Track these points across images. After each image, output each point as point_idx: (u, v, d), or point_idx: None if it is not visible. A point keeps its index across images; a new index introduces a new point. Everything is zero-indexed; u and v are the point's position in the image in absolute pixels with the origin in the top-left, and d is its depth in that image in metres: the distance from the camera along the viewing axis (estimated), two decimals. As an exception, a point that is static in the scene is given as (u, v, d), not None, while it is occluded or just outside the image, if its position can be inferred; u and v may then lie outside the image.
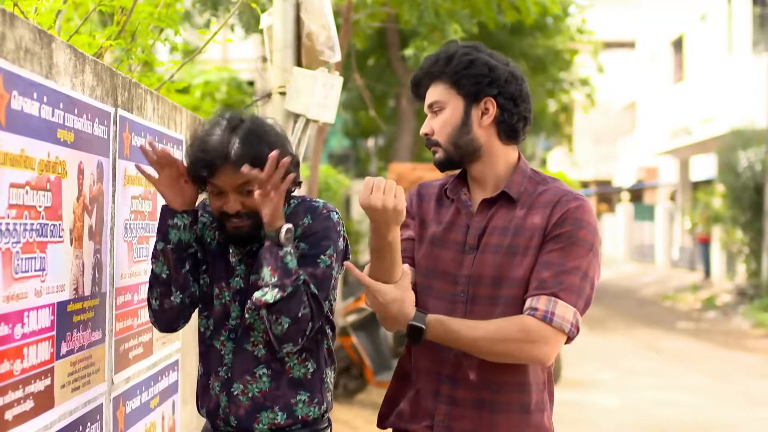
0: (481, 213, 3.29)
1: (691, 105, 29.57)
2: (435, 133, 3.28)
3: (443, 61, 3.28)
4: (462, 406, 3.23)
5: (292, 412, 3.39)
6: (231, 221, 3.31)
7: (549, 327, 3.06)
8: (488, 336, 3.09)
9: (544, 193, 3.25)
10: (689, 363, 14.79)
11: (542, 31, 21.62)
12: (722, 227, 25.11)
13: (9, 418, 2.72)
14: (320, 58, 5.74)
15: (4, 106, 2.64)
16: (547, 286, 3.09)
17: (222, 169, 3.25)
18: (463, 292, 3.24)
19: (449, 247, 3.29)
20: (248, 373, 3.38)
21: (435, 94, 3.29)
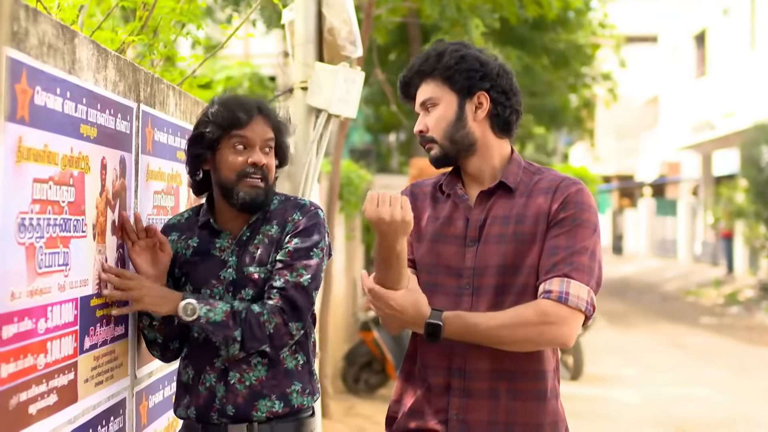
0: (480, 205, 3.31)
1: (714, 99, 29.44)
2: (430, 130, 3.30)
3: (434, 58, 3.30)
4: (476, 398, 3.23)
5: (288, 401, 3.46)
6: (251, 179, 3.43)
7: (565, 307, 3.07)
8: (507, 323, 3.09)
9: (541, 181, 3.29)
10: (711, 358, 14.74)
11: (564, 25, 21.53)
12: (745, 222, 24.99)
13: (33, 412, 2.73)
14: (342, 53, 5.74)
15: (28, 101, 2.65)
16: (558, 268, 3.11)
17: (256, 120, 3.47)
18: (468, 284, 3.25)
19: (450, 242, 3.31)
20: (244, 362, 3.43)
21: (427, 92, 3.31)
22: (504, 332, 3.10)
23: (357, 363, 10.90)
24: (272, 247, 3.48)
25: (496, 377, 3.22)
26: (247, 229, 3.51)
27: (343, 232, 13.29)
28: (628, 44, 31.02)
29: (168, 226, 3.65)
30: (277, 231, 3.49)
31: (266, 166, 3.45)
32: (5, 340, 2.56)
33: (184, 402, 3.53)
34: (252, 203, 3.44)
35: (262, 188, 3.44)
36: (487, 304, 3.20)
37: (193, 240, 3.57)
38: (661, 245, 41.98)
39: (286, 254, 3.44)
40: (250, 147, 3.45)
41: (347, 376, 10.88)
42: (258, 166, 3.43)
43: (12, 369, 2.61)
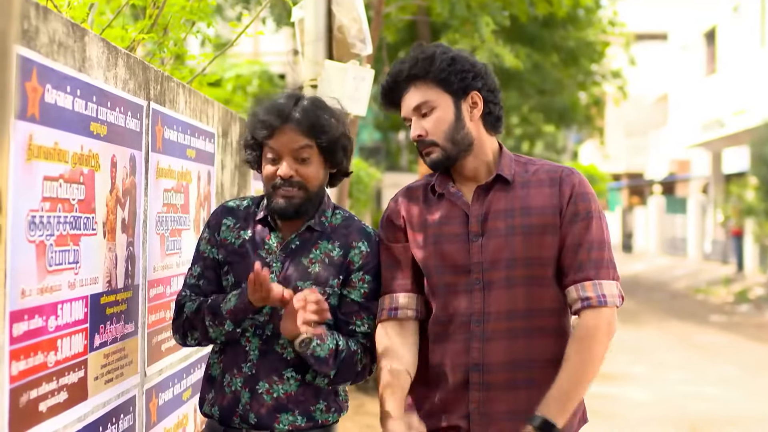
0: (478, 200, 3.33)
1: (724, 97, 29.38)
2: (429, 134, 3.29)
3: (424, 62, 3.29)
4: (495, 389, 3.28)
5: (311, 416, 3.40)
6: (282, 189, 3.32)
7: (606, 308, 3.20)
8: (586, 366, 3.20)
9: (538, 171, 3.34)
10: (721, 356, 14.71)
11: (574, 23, 21.50)
12: (755, 220, 24.94)
13: (43, 409, 2.74)
14: (351, 50, 5.74)
15: (38, 99, 2.65)
16: (584, 269, 3.22)
17: (281, 130, 3.32)
18: (478, 279, 3.29)
19: (452, 240, 3.33)
20: (276, 374, 3.37)
21: (421, 96, 3.30)
22: (589, 370, 3.21)
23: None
24: (333, 269, 3.39)
25: (513, 368, 3.28)
26: (297, 238, 3.41)
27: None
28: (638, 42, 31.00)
29: (227, 209, 3.52)
30: (339, 254, 3.41)
31: (301, 176, 3.32)
32: (16, 337, 2.57)
33: (209, 398, 3.46)
34: (282, 214, 3.35)
35: (298, 198, 3.33)
36: (499, 298, 3.26)
37: (245, 232, 3.45)
38: (671, 243, 41.92)
39: (361, 295, 3.41)
40: (280, 157, 3.33)
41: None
42: (284, 178, 3.31)
43: (22, 366, 2.61)
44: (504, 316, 3.26)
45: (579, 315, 3.22)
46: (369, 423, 9.33)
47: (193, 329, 3.38)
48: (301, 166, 3.33)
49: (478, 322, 3.28)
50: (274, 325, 3.35)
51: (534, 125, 28.00)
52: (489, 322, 3.27)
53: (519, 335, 3.27)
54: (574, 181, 3.29)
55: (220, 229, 3.48)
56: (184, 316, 3.39)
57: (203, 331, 3.36)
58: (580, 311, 3.21)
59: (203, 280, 3.45)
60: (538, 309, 3.28)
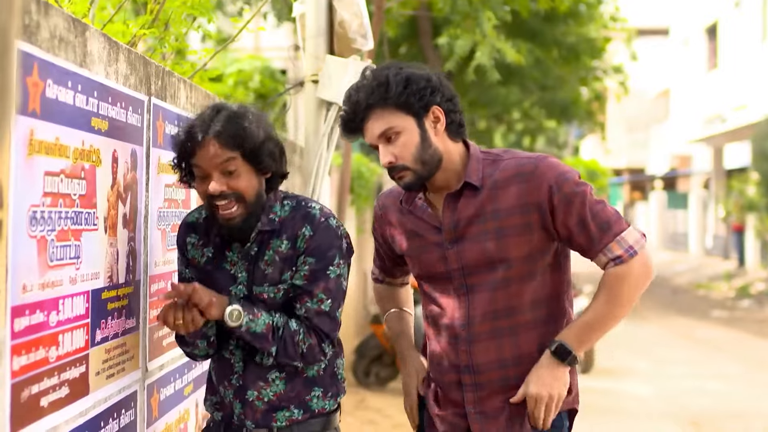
0: (449, 208, 3.37)
1: (725, 92, 29.38)
2: (399, 159, 3.28)
3: (379, 89, 3.27)
4: (489, 389, 3.36)
5: (308, 407, 3.42)
6: (221, 207, 3.24)
7: (638, 255, 3.27)
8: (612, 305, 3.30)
9: (506, 169, 3.34)
10: (723, 352, 14.72)
11: (575, 18, 21.48)
12: (756, 215, 24.97)
13: (44, 404, 2.74)
14: (353, 45, 5.74)
15: (39, 94, 2.65)
16: (601, 236, 3.27)
17: (203, 145, 3.21)
18: (461, 284, 3.36)
19: (429, 250, 3.41)
20: (261, 380, 3.40)
21: (384, 122, 3.28)
22: (615, 310, 3.32)
23: (367, 356, 10.91)
24: (284, 264, 3.35)
25: (503, 366, 3.34)
26: (254, 244, 3.37)
27: (354, 225, 13.28)
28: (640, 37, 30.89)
29: (188, 225, 3.51)
30: (287, 246, 3.36)
31: (231, 189, 3.23)
32: (17, 332, 2.56)
33: (213, 400, 3.53)
34: (231, 232, 3.32)
35: (238, 215, 3.26)
36: (482, 301, 3.34)
37: (208, 249, 3.45)
38: (672, 238, 41.93)
39: (302, 278, 3.34)
40: (207, 175, 3.24)
41: (358, 370, 10.89)
42: (214, 195, 3.23)
43: (24, 361, 2.61)
44: (489, 317, 3.33)
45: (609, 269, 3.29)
46: (371, 418, 9.34)
47: (185, 344, 3.50)
48: (231, 179, 3.24)
49: (464, 325, 3.36)
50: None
51: (535, 120, 27.95)
52: (474, 324, 3.34)
53: (504, 334, 3.33)
54: (544, 170, 3.30)
55: (187, 248, 3.51)
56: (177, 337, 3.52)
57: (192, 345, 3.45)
58: (614, 267, 3.27)
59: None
60: (519, 306, 3.33)
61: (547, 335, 3.34)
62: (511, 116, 26.81)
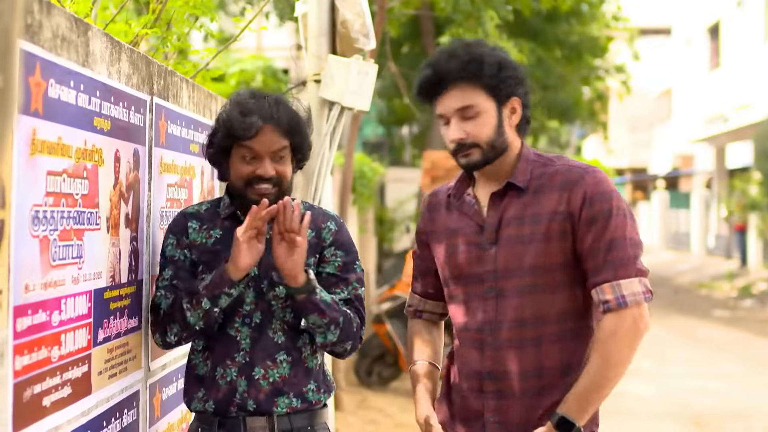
0: (494, 207, 3.29)
1: (728, 92, 29.36)
2: (471, 137, 3.21)
3: (472, 64, 3.21)
4: (510, 398, 3.26)
5: (305, 398, 3.49)
6: (259, 187, 3.39)
7: (628, 309, 3.14)
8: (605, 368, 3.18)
9: (554, 175, 3.26)
10: (725, 351, 14.71)
11: (578, 17, 21.50)
12: (759, 215, 24.96)
13: (47, 404, 2.74)
14: (355, 45, 5.74)
15: (42, 94, 2.65)
16: (602, 272, 3.15)
17: (264, 131, 3.39)
18: (491, 288, 3.27)
19: (466, 250, 3.32)
20: (269, 359, 3.44)
21: (466, 98, 3.22)
22: (610, 372, 3.19)
23: (370, 356, 10.91)
24: (309, 250, 3.46)
25: (525, 376, 3.25)
26: (269, 229, 3.44)
27: (356, 224, 13.30)
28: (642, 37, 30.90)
29: (187, 214, 3.57)
30: (311, 234, 3.52)
31: (278, 174, 3.42)
32: (20, 332, 2.57)
33: (199, 395, 3.49)
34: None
35: (273, 192, 3.40)
36: (511, 307, 3.24)
37: (215, 231, 3.51)
38: (675, 238, 41.92)
39: (336, 268, 3.54)
40: (259, 158, 3.40)
41: (360, 369, 10.88)
42: (265, 178, 3.39)
43: (26, 361, 2.61)
44: (515, 324, 3.23)
45: (601, 319, 3.19)
46: (373, 418, 9.34)
47: (172, 322, 3.43)
48: (279, 165, 3.44)
49: (491, 331, 3.27)
50: (261, 312, 3.45)
51: (537, 120, 27.90)
52: (501, 330, 3.25)
53: (528, 344, 3.24)
54: (587, 182, 3.20)
55: (187, 233, 3.53)
56: (161, 313, 3.46)
57: (182, 320, 3.39)
58: (603, 314, 3.17)
59: (177, 280, 3.49)
60: (546, 316, 3.24)
61: (569, 352, 3.26)
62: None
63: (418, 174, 20.51)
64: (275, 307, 3.46)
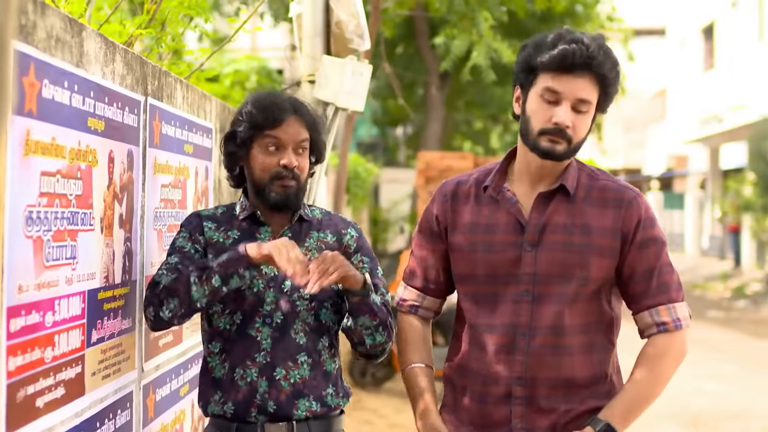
0: (538, 208, 3.24)
1: (722, 92, 29.40)
2: (573, 129, 3.15)
3: (614, 70, 3.17)
4: (538, 405, 3.23)
5: (324, 402, 3.44)
6: (282, 181, 3.40)
7: (681, 331, 3.25)
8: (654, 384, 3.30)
9: (605, 190, 3.26)
10: (719, 352, 14.73)
11: (572, 18, 21.47)
12: (752, 216, 24.98)
13: (40, 405, 2.73)
14: (349, 46, 5.74)
15: (35, 94, 2.65)
16: (658, 294, 3.24)
17: (289, 121, 3.43)
18: (527, 291, 3.22)
19: (502, 249, 3.25)
20: (291, 359, 3.39)
21: (591, 93, 3.16)
22: (656, 388, 3.30)
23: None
24: None
25: (555, 384, 3.23)
26: (288, 230, 3.46)
27: (351, 225, 13.28)
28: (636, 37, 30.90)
29: (203, 216, 3.51)
30: (333, 239, 3.53)
31: (298, 168, 3.42)
32: (13, 333, 2.56)
33: (216, 398, 3.43)
34: (283, 204, 3.41)
35: (294, 188, 3.41)
36: (548, 313, 3.20)
37: (232, 231, 3.47)
38: (669, 238, 41.82)
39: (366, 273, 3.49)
40: (283, 148, 3.41)
41: (354, 370, 10.88)
42: (289, 168, 3.39)
43: (20, 362, 2.61)
44: (551, 331, 3.20)
45: (651, 337, 3.26)
46: (367, 418, 9.35)
47: (172, 296, 3.26)
48: (299, 157, 3.45)
49: (524, 335, 3.21)
50: (282, 312, 3.39)
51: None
52: (536, 336, 3.20)
53: (563, 353, 3.21)
54: (641, 206, 3.25)
55: (203, 230, 3.47)
56: (160, 287, 3.28)
57: (184, 293, 3.24)
58: (654, 335, 3.25)
59: (182, 265, 3.34)
60: (582, 326, 3.23)
61: (597, 363, 3.27)
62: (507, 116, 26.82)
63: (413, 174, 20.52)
64: (300, 308, 3.41)
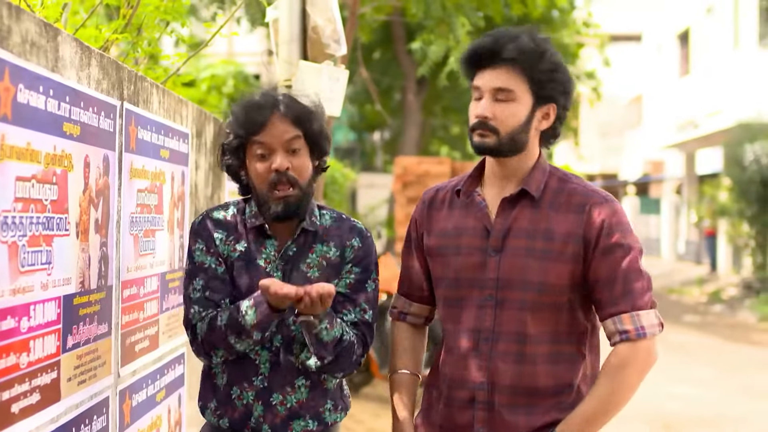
0: (503, 213, 3.24)
1: (698, 98, 29.51)
2: (495, 119, 3.16)
3: (533, 55, 3.15)
4: (500, 410, 3.21)
5: (322, 419, 3.42)
6: (279, 191, 3.28)
7: (645, 340, 3.14)
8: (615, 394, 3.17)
9: (572, 193, 3.23)
10: (695, 356, 14.78)
11: (548, 24, 21.55)
12: (728, 221, 25.06)
13: (15, 411, 2.72)
14: (326, 51, 5.74)
15: (10, 99, 2.64)
16: (620, 302, 3.14)
17: (272, 121, 3.30)
18: (491, 296, 3.22)
19: (468, 253, 3.26)
20: (289, 385, 3.36)
21: (509, 82, 3.16)
22: (618, 399, 3.18)
23: (341, 361, 10.89)
24: (332, 271, 3.39)
25: (515, 392, 3.20)
26: (293, 244, 3.39)
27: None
28: (612, 43, 31.03)
29: (214, 221, 3.44)
30: (335, 254, 3.42)
31: (293, 169, 3.30)
32: (-12, 338, 2.55)
33: (212, 407, 3.43)
34: (284, 215, 3.32)
35: (293, 195, 3.29)
36: (510, 320, 3.19)
37: (240, 244, 3.39)
38: (645, 243, 42.05)
39: (346, 286, 3.41)
40: (271, 152, 3.30)
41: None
42: (281, 171, 3.28)
43: (-6, 368, 2.60)
44: (515, 338, 3.19)
45: (615, 346, 3.17)
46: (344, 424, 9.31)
47: (215, 348, 3.30)
48: (294, 157, 3.31)
49: (487, 340, 3.22)
50: (282, 336, 3.35)
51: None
52: (499, 342, 3.20)
53: (526, 361, 3.19)
54: (607, 211, 3.18)
55: (215, 243, 3.41)
56: (199, 339, 3.32)
57: (228, 348, 3.28)
58: (618, 344, 3.15)
59: (209, 291, 3.35)
60: (547, 335, 3.20)
61: (562, 374, 3.22)
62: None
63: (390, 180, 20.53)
64: (296, 332, 3.35)
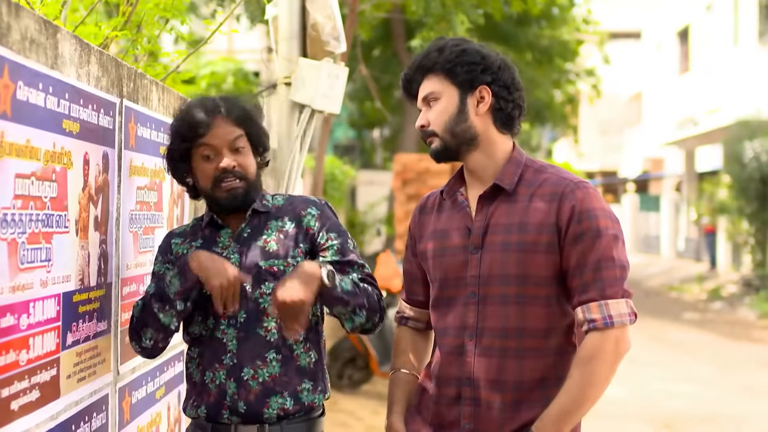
0: (481, 211, 3.25)
1: (697, 96, 29.52)
2: (431, 124, 3.24)
3: (434, 53, 3.25)
4: (486, 406, 3.20)
5: (298, 398, 3.40)
6: (226, 183, 3.37)
7: (614, 329, 3.09)
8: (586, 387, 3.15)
9: (545, 183, 3.21)
10: (695, 354, 14.78)
11: (548, 21, 21.59)
12: (728, 218, 25.06)
13: (15, 408, 2.72)
14: (326, 48, 5.73)
15: (10, 96, 2.64)
16: (589, 290, 3.10)
17: (216, 123, 3.38)
18: (473, 293, 3.22)
19: (452, 253, 3.28)
20: (259, 358, 3.37)
21: (429, 86, 3.25)
22: (591, 391, 3.17)
23: (341, 359, 10.90)
24: (290, 242, 3.44)
25: (502, 387, 3.19)
26: (247, 226, 3.46)
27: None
28: (612, 40, 31.06)
29: (174, 234, 3.58)
30: (291, 226, 3.47)
31: (239, 166, 3.38)
32: (-13, 336, 2.55)
33: (190, 401, 3.46)
34: (232, 204, 3.40)
35: (241, 187, 3.38)
36: (493, 315, 3.19)
37: (196, 241, 3.48)
38: (645, 241, 42.07)
39: (335, 252, 3.46)
40: (217, 152, 3.37)
41: (331, 372, 10.85)
42: (229, 170, 3.36)
43: (-6, 365, 2.60)
44: (498, 333, 3.18)
45: (585, 336, 3.13)
46: (344, 421, 9.34)
47: (145, 327, 3.37)
48: (238, 156, 3.41)
49: (471, 336, 3.22)
50: (246, 310, 3.38)
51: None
52: (483, 338, 3.20)
53: (510, 355, 3.18)
54: (577, 197, 3.14)
55: (171, 248, 3.52)
56: (134, 320, 3.41)
57: (154, 322, 3.34)
58: (586, 333, 3.11)
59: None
60: (531, 329, 3.18)
61: (549, 368, 3.21)
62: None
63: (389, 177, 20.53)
64: (264, 304, 3.38)
